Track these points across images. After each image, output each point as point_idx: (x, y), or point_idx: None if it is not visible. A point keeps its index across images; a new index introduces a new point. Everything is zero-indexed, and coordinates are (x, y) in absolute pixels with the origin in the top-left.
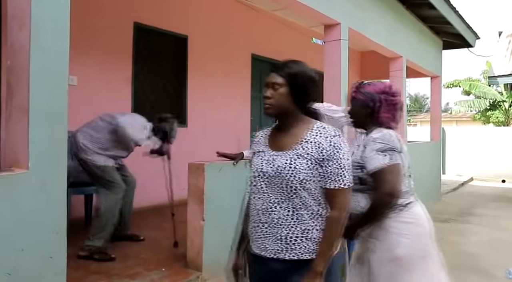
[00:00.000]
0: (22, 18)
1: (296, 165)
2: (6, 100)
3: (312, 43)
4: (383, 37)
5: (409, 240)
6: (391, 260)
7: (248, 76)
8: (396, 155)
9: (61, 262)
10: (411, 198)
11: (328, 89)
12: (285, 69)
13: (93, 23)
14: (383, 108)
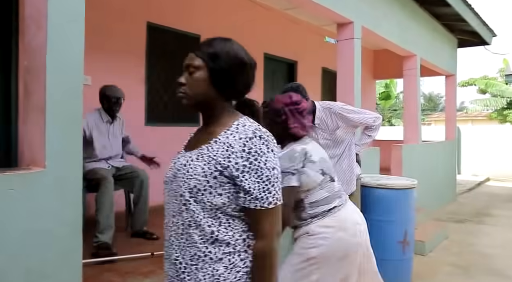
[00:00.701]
0: (39, 18)
1: (189, 168)
2: (24, 100)
3: (324, 42)
4: (396, 35)
5: (328, 242)
6: (304, 256)
7: (261, 76)
8: (288, 176)
9: (77, 260)
10: (336, 202)
11: (342, 88)
12: (204, 49)
13: (106, 24)
14: (290, 119)
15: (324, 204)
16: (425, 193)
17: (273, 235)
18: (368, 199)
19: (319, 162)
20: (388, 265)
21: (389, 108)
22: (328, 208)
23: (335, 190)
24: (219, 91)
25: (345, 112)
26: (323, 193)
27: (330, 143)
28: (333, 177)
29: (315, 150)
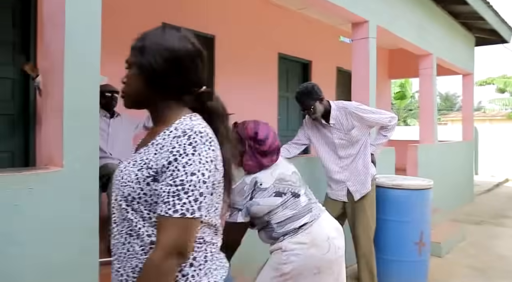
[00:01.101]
0: (56, 20)
1: (124, 175)
2: (42, 101)
3: (339, 42)
4: (412, 34)
5: (300, 259)
6: (278, 272)
7: (275, 76)
8: (235, 213)
9: (94, 258)
10: (306, 218)
11: (357, 88)
12: (137, 41)
13: (122, 25)
14: (247, 155)
15: (292, 221)
16: (441, 193)
17: (168, 250)
18: (383, 200)
19: (273, 186)
20: (404, 266)
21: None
22: (298, 225)
23: (302, 205)
24: (154, 89)
25: (361, 112)
26: (288, 212)
27: (345, 142)
28: (297, 193)
29: (268, 175)
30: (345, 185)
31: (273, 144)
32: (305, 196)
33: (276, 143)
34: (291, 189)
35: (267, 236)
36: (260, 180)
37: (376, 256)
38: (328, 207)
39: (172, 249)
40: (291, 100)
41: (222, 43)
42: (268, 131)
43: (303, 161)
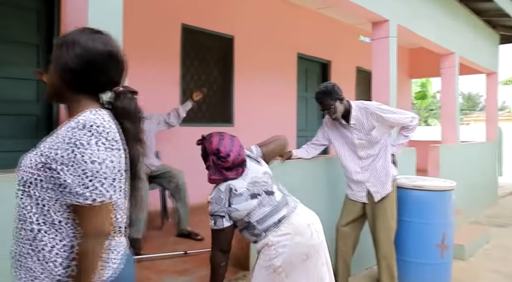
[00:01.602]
0: (80, 24)
1: (23, 160)
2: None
3: (359, 41)
4: (433, 33)
5: (288, 249)
6: (271, 268)
7: (294, 76)
8: (219, 220)
9: None
10: (284, 211)
11: (377, 88)
12: (58, 38)
13: (143, 27)
14: (212, 169)
15: (271, 216)
16: (464, 195)
17: (93, 234)
18: (404, 201)
19: (246, 190)
20: (426, 268)
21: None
22: (277, 219)
23: (277, 200)
24: (66, 84)
25: (382, 112)
26: (265, 209)
27: (365, 143)
28: (270, 191)
29: (241, 181)
30: (365, 186)
31: (236, 159)
32: (278, 191)
33: (241, 157)
34: (264, 189)
35: (250, 233)
36: (234, 186)
37: (397, 258)
38: (347, 208)
39: (95, 233)
40: (310, 100)
41: (241, 44)
42: (232, 146)
43: (322, 161)
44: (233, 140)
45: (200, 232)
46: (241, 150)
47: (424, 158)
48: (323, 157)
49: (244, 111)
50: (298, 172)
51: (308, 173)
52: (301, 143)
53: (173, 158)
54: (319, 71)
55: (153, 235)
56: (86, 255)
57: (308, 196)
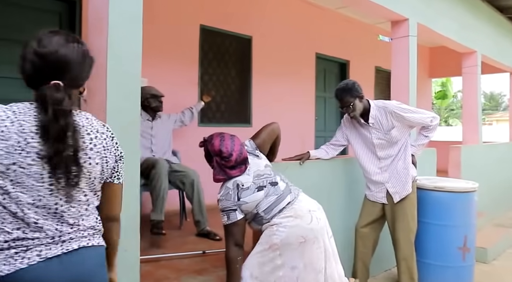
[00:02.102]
0: (100, 25)
1: None
2: (87, 102)
3: (378, 41)
4: (455, 31)
5: (287, 230)
6: (267, 244)
7: (313, 76)
8: (231, 213)
9: (135, 256)
10: (288, 199)
11: (396, 88)
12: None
13: (162, 28)
14: (216, 169)
15: (277, 204)
16: (486, 196)
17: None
18: (425, 202)
19: (253, 183)
20: (447, 271)
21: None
22: (282, 206)
23: (281, 189)
24: (28, 85)
25: (401, 111)
26: (271, 198)
27: (385, 142)
28: (275, 181)
29: (246, 176)
30: (384, 187)
31: (239, 157)
32: (282, 181)
33: (243, 155)
34: (269, 180)
35: (258, 223)
36: (241, 181)
37: (417, 260)
38: (367, 209)
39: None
40: (328, 100)
41: (259, 44)
42: (233, 145)
43: (340, 161)
44: (233, 140)
45: (219, 232)
46: (242, 148)
47: (444, 159)
48: (342, 157)
49: (262, 112)
50: (316, 172)
51: (326, 173)
52: (319, 143)
53: (191, 157)
54: (337, 71)
55: (172, 234)
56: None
57: (326, 196)
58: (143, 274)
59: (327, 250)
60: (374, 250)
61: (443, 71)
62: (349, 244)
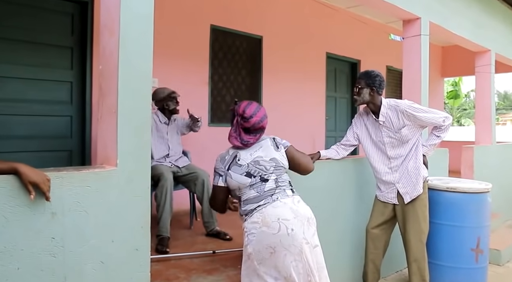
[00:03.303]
0: (112, 26)
1: None
2: (98, 102)
3: (389, 40)
4: (468, 30)
5: (255, 238)
6: (246, 255)
7: (323, 76)
8: (216, 176)
9: (145, 255)
10: (263, 201)
11: (408, 87)
12: None
13: (172, 28)
14: (233, 127)
15: (253, 202)
16: (500, 198)
17: None
18: (437, 203)
19: (246, 166)
20: (460, 273)
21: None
22: (254, 207)
23: (265, 190)
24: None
25: (413, 110)
26: (253, 193)
27: (395, 141)
28: (266, 178)
29: (248, 155)
30: (395, 187)
31: (257, 123)
32: (273, 182)
33: (261, 124)
34: (261, 174)
35: (240, 211)
36: (240, 156)
37: (429, 261)
38: (377, 210)
39: None
40: (339, 100)
41: (269, 44)
42: (257, 111)
43: (351, 162)
44: (259, 107)
45: (229, 231)
46: (264, 118)
47: (457, 159)
48: (353, 157)
49: (272, 112)
50: (327, 172)
51: (337, 174)
52: (330, 143)
53: (202, 157)
54: (348, 71)
55: (182, 234)
56: None
57: (336, 197)
58: (154, 273)
59: (309, 263)
60: (385, 251)
61: (455, 70)
62: (360, 245)
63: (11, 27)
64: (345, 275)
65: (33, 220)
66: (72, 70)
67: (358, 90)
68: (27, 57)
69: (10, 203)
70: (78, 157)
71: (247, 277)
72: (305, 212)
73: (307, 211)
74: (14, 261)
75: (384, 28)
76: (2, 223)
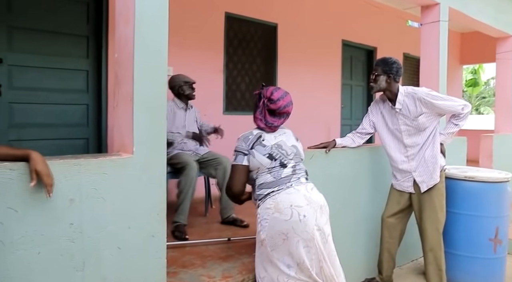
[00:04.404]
0: (127, 14)
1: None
2: (114, 91)
3: (406, 27)
4: (489, 15)
5: (268, 224)
6: (259, 241)
7: (339, 63)
8: (240, 155)
9: (161, 241)
10: (277, 188)
11: (425, 75)
12: None
13: (187, 16)
14: (258, 110)
15: (267, 187)
16: None
17: None
18: (454, 192)
19: (270, 147)
20: (477, 263)
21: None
22: (268, 192)
23: (281, 176)
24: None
25: (432, 98)
26: (269, 177)
27: (412, 129)
28: (285, 163)
29: (272, 137)
30: (411, 176)
31: (283, 107)
32: (291, 169)
33: (287, 109)
34: (282, 158)
35: (253, 195)
36: (264, 136)
37: (446, 250)
38: (393, 199)
39: None
40: (355, 88)
41: (284, 31)
42: (284, 96)
43: (367, 150)
44: (286, 93)
45: (245, 218)
46: (290, 103)
47: (475, 148)
48: (369, 146)
49: None
50: (342, 160)
51: (353, 162)
52: (345, 131)
53: (217, 145)
54: (364, 59)
55: (198, 221)
56: None
57: (352, 185)
58: (170, 260)
59: (321, 249)
60: (400, 240)
61: (475, 57)
62: (375, 234)
63: (28, 17)
64: (359, 265)
65: (52, 206)
66: (88, 58)
67: (374, 77)
68: (44, 47)
69: (29, 190)
70: (94, 145)
71: (261, 263)
72: (318, 199)
73: (320, 198)
74: (35, 246)
75: (401, 15)
76: (22, 209)
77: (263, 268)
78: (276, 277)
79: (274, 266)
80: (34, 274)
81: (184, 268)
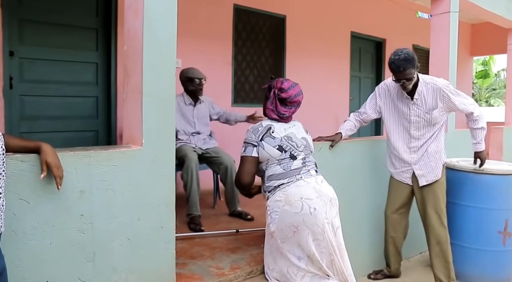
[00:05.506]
0: (136, 7)
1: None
2: (123, 83)
3: (415, 18)
4: (501, 6)
5: (278, 216)
6: (269, 234)
7: (347, 55)
8: (249, 147)
9: (170, 232)
10: (287, 180)
11: (435, 67)
12: None
13: (195, 8)
14: (269, 101)
15: (277, 179)
16: None
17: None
18: (463, 185)
19: (280, 139)
20: (486, 255)
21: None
22: (278, 184)
23: (291, 168)
24: None
25: (450, 91)
26: (279, 169)
27: (422, 121)
28: (295, 155)
29: (282, 129)
30: (411, 168)
31: (293, 96)
32: (300, 161)
33: (297, 98)
34: (292, 150)
35: (262, 187)
36: (274, 128)
37: (454, 243)
38: (394, 192)
39: None
40: (363, 80)
41: (293, 23)
42: (294, 86)
43: (374, 143)
44: (296, 84)
45: (251, 212)
46: (300, 93)
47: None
48: (376, 138)
49: None
50: (350, 153)
51: (360, 154)
52: None
53: (225, 138)
54: (373, 50)
55: (206, 213)
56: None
57: (359, 177)
58: (179, 251)
59: (331, 242)
60: (405, 234)
61: (485, 48)
62: (380, 226)
63: (39, 10)
64: (365, 257)
65: (62, 198)
66: (97, 51)
67: (413, 79)
68: (54, 39)
69: (40, 181)
70: (104, 137)
71: (271, 255)
72: (328, 192)
73: (330, 191)
74: (46, 236)
75: (410, 6)
76: (34, 200)
77: (272, 259)
78: (286, 269)
79: (284, 258)
80: (45, 264)
81: (193, 259)
